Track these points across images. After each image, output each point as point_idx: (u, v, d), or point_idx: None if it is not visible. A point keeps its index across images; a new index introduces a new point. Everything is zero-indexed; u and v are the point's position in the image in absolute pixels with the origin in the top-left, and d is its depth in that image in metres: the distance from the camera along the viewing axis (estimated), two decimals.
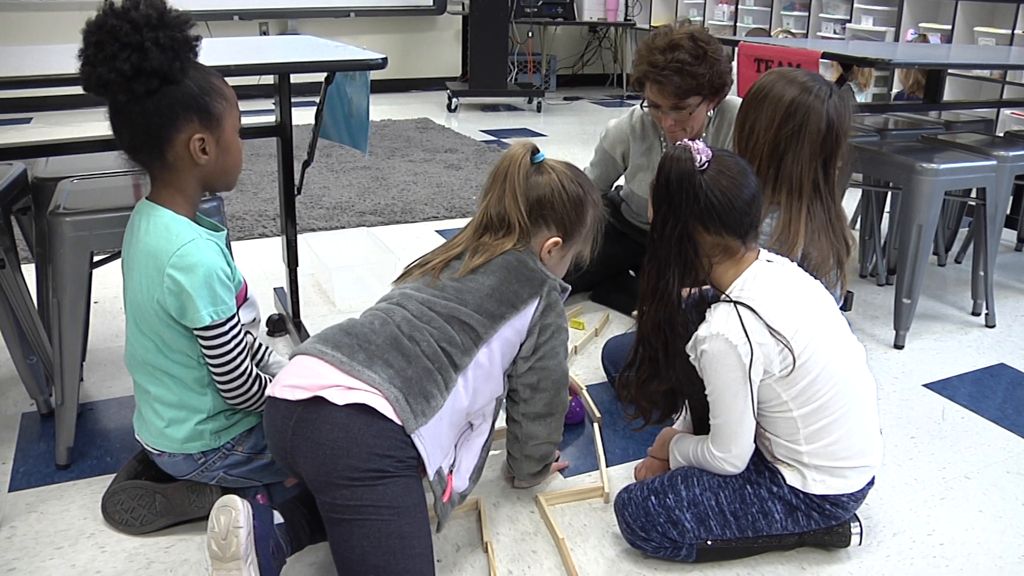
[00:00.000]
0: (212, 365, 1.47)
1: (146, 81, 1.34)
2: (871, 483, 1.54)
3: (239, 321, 1.49)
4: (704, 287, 1.55)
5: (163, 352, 1.48)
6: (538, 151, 1.57)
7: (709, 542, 1.52)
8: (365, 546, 1.29)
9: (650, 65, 2.21)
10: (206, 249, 1.42)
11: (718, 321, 1.41)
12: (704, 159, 1.42)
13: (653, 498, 1.52)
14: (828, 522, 1.53)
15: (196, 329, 1.43)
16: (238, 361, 1.48)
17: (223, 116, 1.44)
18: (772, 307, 1.40)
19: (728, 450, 1.49)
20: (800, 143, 1.70)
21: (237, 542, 1.28)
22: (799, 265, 1.67)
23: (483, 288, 1.47)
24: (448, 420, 1.41)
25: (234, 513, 1.30)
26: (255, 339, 1.71)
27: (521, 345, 1.53)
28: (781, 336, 1.39)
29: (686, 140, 1.45)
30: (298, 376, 1.36)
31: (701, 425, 1.60)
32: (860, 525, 1.57)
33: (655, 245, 1.47)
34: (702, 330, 1.44)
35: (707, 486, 1.51)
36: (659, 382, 1.54)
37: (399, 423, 1.31)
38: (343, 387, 1.31)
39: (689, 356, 1.49)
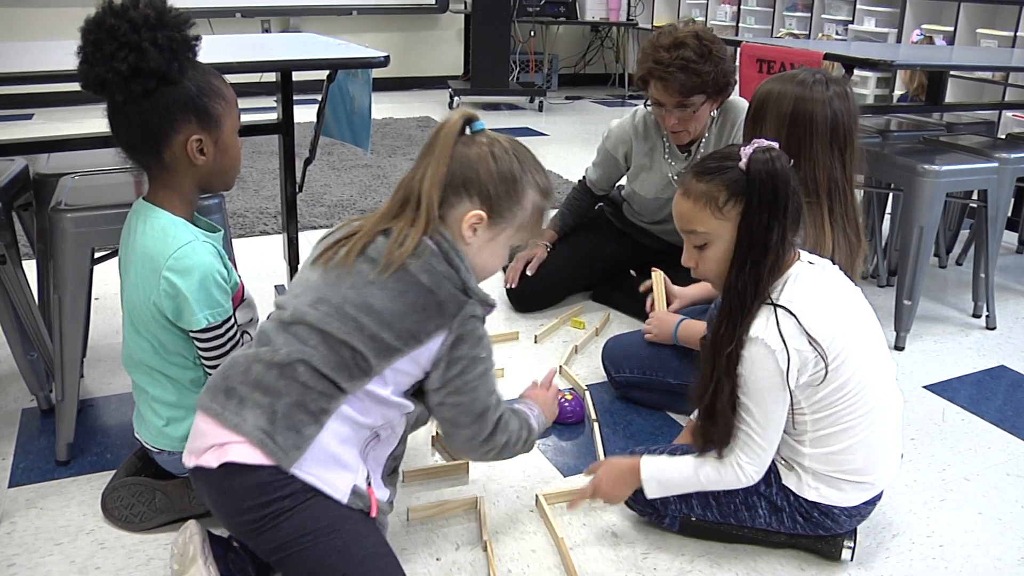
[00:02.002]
0: (208, 367, 1.47)
1: (143, 81, 1.33)
2: (871, 503, 1.52)
3: (235, 323, 1.49)
4: None
5: (160, 353, 1.48)
6: (476, 119, 1.37)
7: (693, 518, 1.56)
8: (310, 571, 1.26)
9: (655, 62, 2.21)
10: (203, 252, 1.42)
11: (757, 325, 1.38)
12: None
13: None
14: (815, 530, 1.52)
15: (192, 332, 1.43)
16: None
17: (222, 117, 1.43)
18: (811, 312, 1.37)
19: (757, 456, 1.44)
20: (811, 145, 1.69)
21: (193, 547, 1.32)
22: None
23: (385, 312, 1.26)
24: (339, 439, 1.28)
25: (188, 531, 1.35)
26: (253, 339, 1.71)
27: (428, 374, 1.34)
28: (818, 344, 1.36)
29: (762, 141, 1.38)
30: (192, 439, 1.32)
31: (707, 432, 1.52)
32: (854, 543, 1.55)
33: (747, 264, 1.38)
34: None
35: None
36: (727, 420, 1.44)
37: (274, 463, 1.24)
38: (216, 446, 1.26)
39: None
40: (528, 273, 2.58)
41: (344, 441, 1.29)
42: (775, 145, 1.38)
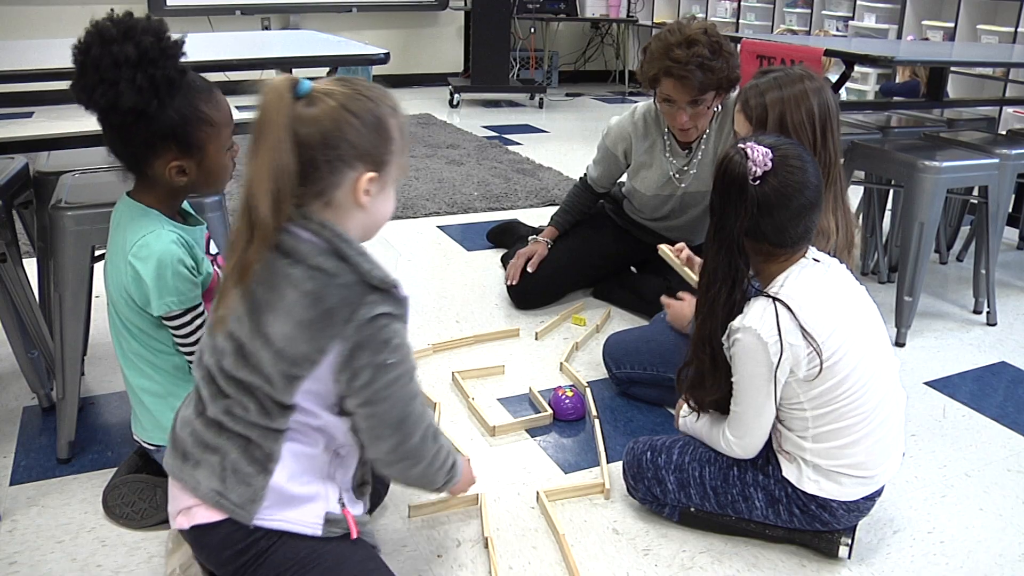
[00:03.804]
0: (184, 353, 1.50)
1: (120, 116, 1.35)
2: (870, 498, 1.52)
3: (203, 312, 1.49)
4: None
5: (138, 339, 1.50)
6: (298, 81, 1.15)
7: (692, 508, 1.58)
8: None
9: (672, 60, 2.21)
10: (164, 239, 1.43)
11: (753, 315, 1.40)
12: (759, 171, 1.35)
13: (649, 453, 1.61)
14: (812, 524, 1.52)
15: (163, 318, 1.46)
16: None
17: (205, 143, 1.43)
18: (809, 308, 1.39)
19: (742, 437, 1.50)
20: (831, 133, 1.69)
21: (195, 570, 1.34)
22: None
23: (278, 338, 1.15)
24: (293, 476, 1.22)
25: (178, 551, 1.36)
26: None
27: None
28: (813, 339, 1.38)
29: (749, 143, 1.38)
30: (169, 503, 1.30)
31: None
32: (852, 540, 1.55)
33: (709, 253, 1.43)
34: (736, 321, 1.42)
35: (695, 457, 1.57)
36: (705, 392, 1.52)
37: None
38: (184, 510, 1.26)
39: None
40: (529, 270, 2.58)
41: (301, 474, 1.23)
42: (756, 153, 1.36)
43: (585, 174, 2.70)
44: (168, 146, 1.40)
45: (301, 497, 1.23)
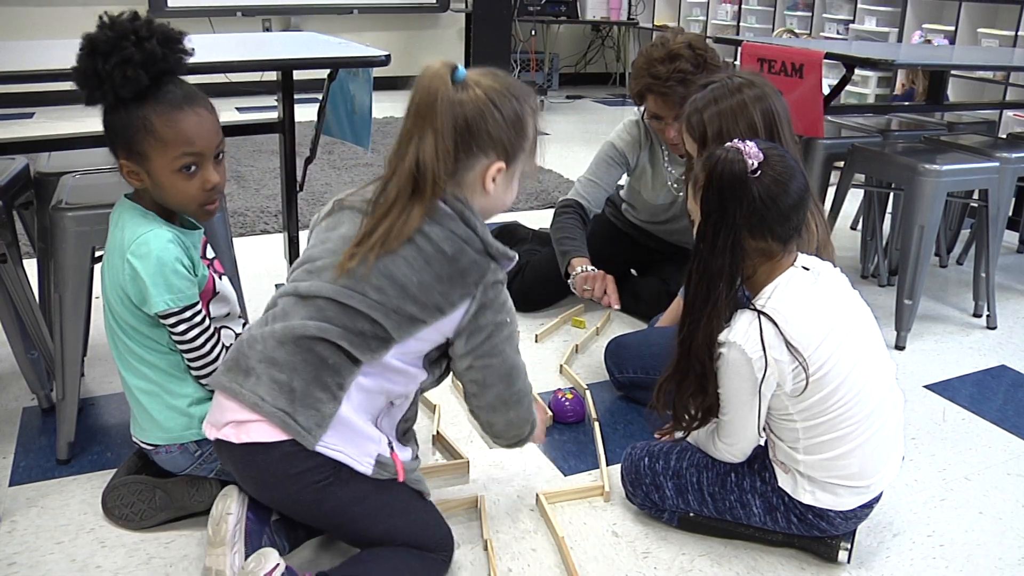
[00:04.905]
0: (182, 351, 1.51)
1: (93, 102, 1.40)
2: (868, 505, 1.51)
3: (200, 311, 1.50)
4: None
5: (134, 338, 1.51)
6: (456, 67, 1.33)
7: (691, 513, 1.59)
8: (359, 529, 1.33)
9: (652, 77, 2.20)
10: (162, 239, 1.45)
11: (739, 330, 1.39)
12: (755, 163, 1.35)
13: (647, 459, 1.61)
14: (810, 531, 1.52)
15: (159, 316, 1.47)
16: (206, 349, 1.50)
17: (149, 154, 1.42)
18: (795, 321, 1.37)
19: (732, 444, 1.50)
20: (781, 139, 1.68)
21: (226, 528, 1.33)
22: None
23: (409, 285, 1.29)
24: (359, 413, 1.33)
25: (228, 501, 1.36)
26: (237, 334, 1.68)
27: (452, 341, 1.39)
28: (799, 354, 1.36)
29: (736, 141, 1.38)
30: (212, 413, 1.37)
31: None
32: (851, 544, 1.54)
33: (705, 255, 1.39)
34: (723, 335, 1.41)
35: (693, 463, 1.57)
36: (706, 398, 1.47)
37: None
38: (235, 423, 1.30)
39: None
40: (615, 307, 2.30)
41: (359, 411, 1.33)
42: (749, 147, 1.36)
43: (574, 200, 2.50)
44: (118, 145, 1.44)
45: (361, 433, 1.33)
